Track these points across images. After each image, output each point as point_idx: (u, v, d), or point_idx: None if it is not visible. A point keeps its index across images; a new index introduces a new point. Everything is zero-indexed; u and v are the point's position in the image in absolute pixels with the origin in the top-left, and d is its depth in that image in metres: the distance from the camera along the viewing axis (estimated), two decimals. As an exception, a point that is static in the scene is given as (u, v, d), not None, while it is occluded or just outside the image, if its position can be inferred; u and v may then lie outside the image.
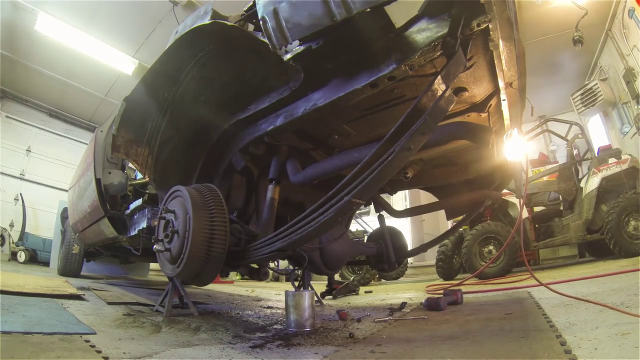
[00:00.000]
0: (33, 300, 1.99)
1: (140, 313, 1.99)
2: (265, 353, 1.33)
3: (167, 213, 1.78)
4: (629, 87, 5.26)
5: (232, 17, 1.69)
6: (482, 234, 4.62)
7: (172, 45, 1.72)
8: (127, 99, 1.92)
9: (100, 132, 3.40)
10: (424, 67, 1.38)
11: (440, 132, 1.54)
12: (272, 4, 1.33)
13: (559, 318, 1.50)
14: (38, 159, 7.42)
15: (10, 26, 5.47)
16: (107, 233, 3.05)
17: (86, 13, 5.39)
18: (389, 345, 1.36)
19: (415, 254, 4.55)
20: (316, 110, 1.57)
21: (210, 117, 2.00)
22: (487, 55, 1.47)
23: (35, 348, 1.16)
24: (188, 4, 5.28)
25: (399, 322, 1.91)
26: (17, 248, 6.16)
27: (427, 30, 1.29)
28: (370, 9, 1.17)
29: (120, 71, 6.37)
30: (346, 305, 2.95)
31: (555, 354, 1.03)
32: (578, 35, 4.94)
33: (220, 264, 1.62)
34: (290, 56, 1.46)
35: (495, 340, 1.30)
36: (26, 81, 6.79)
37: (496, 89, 1.63)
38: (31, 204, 6.96)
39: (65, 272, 4.04)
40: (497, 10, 1.23)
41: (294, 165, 1.85)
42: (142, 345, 1.37)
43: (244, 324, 2.01)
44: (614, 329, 1.18)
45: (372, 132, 1.96)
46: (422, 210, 3.05)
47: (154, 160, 2.11)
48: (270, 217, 1.80)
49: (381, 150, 1.23)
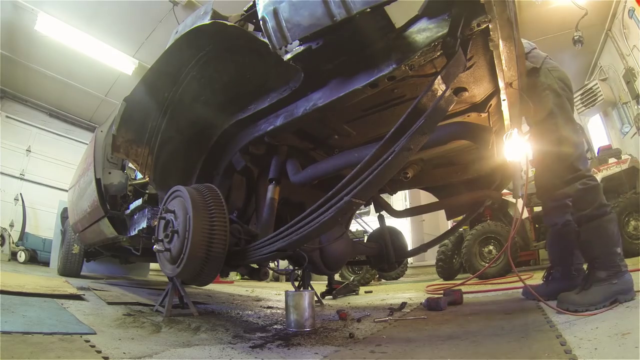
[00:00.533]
0: (33, 300, 1.99)
1: (140, 313, 1.99)
2: (265, 353, 1.33)
3: (167, 213, 1.78)
4: (629, 87, 5.26)
5: (232, 17, 1.69)
6: (482, 234, 4.62)
7: (172, 45, 1.72)
8: (127, 99, 1.92)
9: (100, 132, 3.39)
10: (424, 67, 1.38)
11: (440, 132, 1.54)
12: (272, 4, 1.33)
13: (559, 318, 1.50)
14: (38, 159, 7.43)
15: (10, 26, 5.47)
16: (107, 233, 3.05)
17: (86, 13, 5.39)
18: (389, 345, 1.36)
19: (415, 254, 4.55)
20: (316, 110, 1.57)
21: (211, 117, 2.00)
22: (487, 55, 1.47)
23: (35, 348, 1.16)
24: (188, 4, 5.28)
25: (399, 322, 1.91)
26: (17, 248, 6.16)
27: (427, 30, 1.28)
28: (370, 9, 1.17)
29: (120, 71, 6.38)
30: (346, 305, 2.95)
31: (555, 354, 1.03)
32: (578, 36, 4.94)
33: (220, 264, 1.62)
34: (290, 56, 1.46)
35: (495, 340, 1.30)
36: (26, 81, 6.79)
37: (496, 89, 1.62)
38: (31, 204, 6.96)
39: (65, 272, 4.04)
40: (497, 10, 1.22)
41: (294, 165, 1.85)
42: (142, 345, 1.37)
43: (244, 324, 2.01)
44: (614, 329, 1.18)
45: (372, 132, 1.96)
46: (422, 210, 3.05)
47: (154, 160, 2.11)
48: (270, 217, 1.80)
49: (381, 150, 1.23)
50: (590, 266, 1.66)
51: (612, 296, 1.53)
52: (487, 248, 4.62)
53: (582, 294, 1.57)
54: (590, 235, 1.66)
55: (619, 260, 1.60)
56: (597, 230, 1.64)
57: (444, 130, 1.56)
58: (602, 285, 1.56)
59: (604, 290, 1.54)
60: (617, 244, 1.62)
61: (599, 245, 1.63)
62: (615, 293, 1.53)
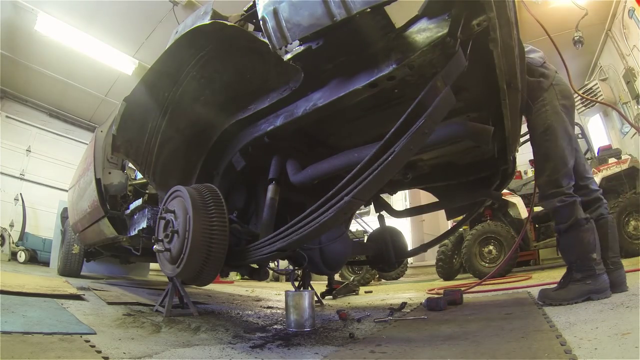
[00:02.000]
0: (33, 300, 1.99)
1: (140, 313, 1.99)
2: (265, 353, 1.33)
3: (167, 213, 1.78)
4: (629, 87, 5.27)
5: (232, 17, 1.69)
6: (482, 234, 4.62)
7: (172, 45, 1.72)
8: (127, 99, 1.92)
9: (100, 132, 3.39)
10: (424, 67, 1.38)
11: (440, 132, 1.54)
12: (272, 4, 1.33)
13: (559, 318, 1.50)
14: (38, 159, 7.43)
15: (10, 26, 5.47)
16: (107, 233, 3.05)
17: (86, 13, 5.39)
18: (389, 345, 1.36)
19: (415, 254, 4.55)
20: (316, 110, 1.57)
21: (211, 117, 2.00)
22: (487, 55, 1.47)
23: (35, 348, 1.16)
24: (188, 4, 5.28)
25: (399, 322, 1.91)
26: (17, 248, 6.16)
27: (427, 30, 1.28)
28: (370, 9, 1.17)
29: (120, 71, 6.38)
30: (346, 305, 2.95)
31: (555, 354, 1.03)
32: (578, 36, 4.94)
33: (220, 264, 1.62)
34: (290, 56, 1.46)
35: (495, 340, 1.30)
36: (26, 81, 6.79)
37: (496, 89, 1.62)
38: (31, 204, 6.96)
39: (65, 272, 4.04)
40: (497, 10, 1.23)
41: (294, 165, 1.85)
42: (142, 345, 1.37)
43: (244, 324, 2.01)
44: (614, 328, 1.18)
45: (372, 132, 1.96)
46: (422, 210, 3.05)
47: (154, 160, 2.10)
48: (270, 217, 1.80)
49: (381, 150, 1.23)
50: (568, 268, 1.85)
51: (585, 294, 1.72)
52: (487, 248, 4.62)
53: (559, 291, 1.81)
54: (567, 243, 1.86)
55: (595, 264, 1.75)
56: (573, 240, 1.82)
57: (444, 130, 1.56)
58: (577, 285, 1.76)
59: (577, 288, 1.74)
60: (592, 251, 1.76)
61: (575, 252, 1.81)
62: (589, 292, 1.72)
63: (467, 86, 1.68)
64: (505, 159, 2.23)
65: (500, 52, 1.39)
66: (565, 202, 1.82)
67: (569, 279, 1.81)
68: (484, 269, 4.47)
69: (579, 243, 1.79)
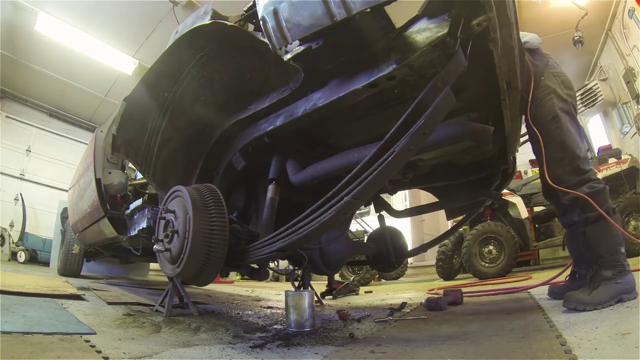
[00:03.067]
0: (33, 300, 1.99)
1: (140, 313, 1.99)
2: (265, 353, 1.33)
3: (167, 213, 1.78)
4: (629, 87, 5.26)
5: (232, 17, 1.69)
6: (482, 234, 4.62)
7: (172, 45, 1.72)
8: (127, 99, 1.92)
9: (100, 132, 3.39)
10: (424, 67, 1.38)
11: (440, 132, 1.54)
12: (272, 4, 1.33)
13: (559, 318, 1.50)
14: (38, 159, 7.43)
15: (10, 26, 5.47)
16: (107, 233, 3.05)
17: (86, 13, 5.39)
18: (389, 345, 1.37)
19: (415, 254, 4.56)
20: (316, 110, 1.57)
21: (211, 117, 2.00)
22: (487, 55, 1.47)
23: (35, 348, 1.16)
24: (188, 4, 5.28)
25: (399, 322, 1.91)
26: (17, 248, 6.16)
27: (427, 30, 1.28)
28: (370, 9, 1.17)
29: (120, 71, 6.37)
30: (346, 305, 2.95)
31: (555, 354, 1.03)
32: (578, 36, 4.94)
33: (220, 264, 1.62)
34: (290, 56, 1.46)
35: (495, 340, 1.30)
36: (26, 81, 6.79)
37: (496, 89, 1.62)
38: (31, 204, 6.96)
39: (65, 272, 4.04)
40: (497, 11, 1.22)
41: (294, 165, 1.85)
42: (142, 345, 1.37)
43: (244, 324, 2.01)
44: (614, 328, 1.18)
45: (372, 132, 1.96)
46: (422, 210, 3.05)
47: (154, 160, 2.10)
48: (270, 217, 1.80)
49: (381, 150, 1.23)
50: (596, 265, 1.65)
51: (617, 295, 1.53)
52: (487, 248, 4.62)
53: (588, 292, 1.57)
54: (596, 234, 1.67)
55: (623, 259, 1.60)
56: (603, 230, 1.64)
57: (444, 130, 1.56)
58: (609, 284, 1.56)
59: (610, 289, 1.54)
60: (621, 244, 1.62)
61: (605, 245, 1.63)
62: (620, 292, 1.54)
63: (467, 86, 1.68)
64: (505, 159, 2.23)
65: (500, 52, 1.39)
66: (595, 189, 1.68)
67: (598, 278, 1.59)
68: (484, 269, 4.47)
69: (609, 234, 1.63)
